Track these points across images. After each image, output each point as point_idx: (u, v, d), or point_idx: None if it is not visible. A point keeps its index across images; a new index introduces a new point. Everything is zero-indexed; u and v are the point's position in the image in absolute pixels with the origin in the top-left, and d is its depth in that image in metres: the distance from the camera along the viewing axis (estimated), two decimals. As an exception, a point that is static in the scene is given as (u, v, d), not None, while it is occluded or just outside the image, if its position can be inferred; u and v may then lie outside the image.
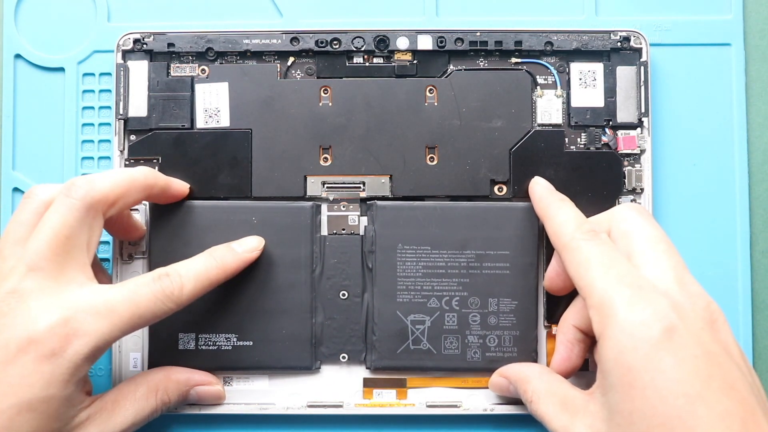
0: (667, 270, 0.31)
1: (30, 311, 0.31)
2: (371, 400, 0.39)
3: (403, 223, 0.38)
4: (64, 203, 0.33)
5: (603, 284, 0.31)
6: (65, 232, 0.32)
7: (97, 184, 0.34)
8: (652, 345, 0.28)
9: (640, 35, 0.39)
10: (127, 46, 0.39)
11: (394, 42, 0.39)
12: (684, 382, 0.28)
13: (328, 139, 0.39)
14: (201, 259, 0.36)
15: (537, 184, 0.38)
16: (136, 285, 0.33)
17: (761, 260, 0.40)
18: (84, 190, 0.33)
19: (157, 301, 0.33)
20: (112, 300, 0.32)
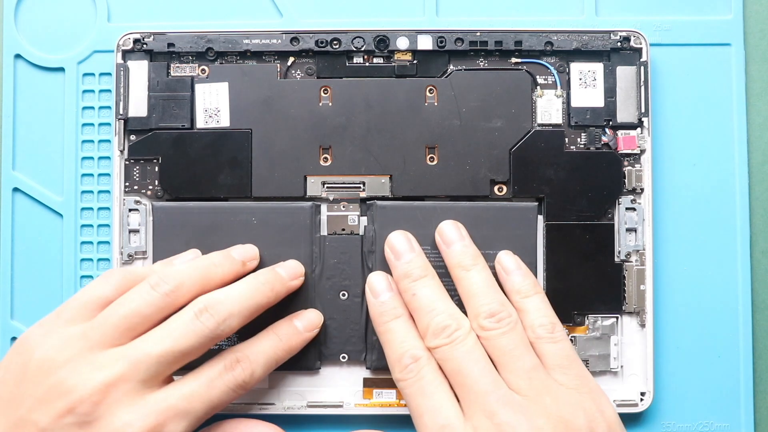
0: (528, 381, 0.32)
1: (119, 418, 0.31)
2: (371, 400, 0.39)
3: (403, 223, 0.38)
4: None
5: (419, 430, 0.32)
6: (181, 350, 0.32)
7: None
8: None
9: (640, 35, 0.39)
10: (127, 46, 0.39)
11: (394, 42, 0.39)
12: None
13: (328, 139, 0.39)
14: (268, 341, 0.35)
15: (368, 291, 0.36)
16: (210, 379, 0.33)
17: (761, 260, 0.40)
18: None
19: (230, 392, 0.33)
20: (189, 397, 0.32)
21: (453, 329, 0.33)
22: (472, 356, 0.33)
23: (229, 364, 0.33)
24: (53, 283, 0.40)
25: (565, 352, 0.34)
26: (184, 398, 0.32)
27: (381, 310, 0.35)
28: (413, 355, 0.33)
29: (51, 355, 0.31)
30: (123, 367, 0.31)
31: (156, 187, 0.39)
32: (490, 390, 0.32)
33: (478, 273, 0.35)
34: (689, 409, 0.40)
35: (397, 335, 0.34)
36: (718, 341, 0.40)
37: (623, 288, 0.39)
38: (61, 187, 0.41)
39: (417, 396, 0.33)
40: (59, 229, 0.40)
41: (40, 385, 0.31)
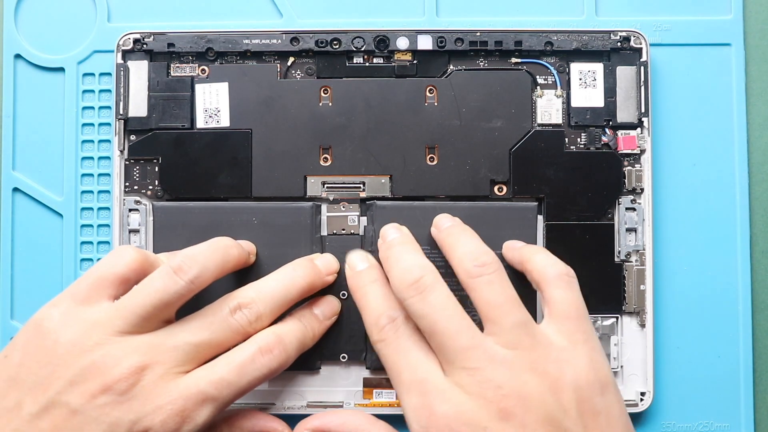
0: None
1: (151, 401, 0.31)
2: (371, 400, 0.39)
3: (403, 223, 0.38)
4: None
5: (397, 391, 0.32)
6: None
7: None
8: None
9: (640, 35, 0.39)
10: (127, 46, 0.39)
11: (394, 42, 0.39)
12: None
13: (328, 139, 0.39)
14: (297, 326, 0.35)
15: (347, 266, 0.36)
16: (242, 364, 0.32)
17: (761, 260, 0.40)
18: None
19: (261, 377, 0.33)
20: (219, 383, 0.32)
21: (419, 277, 0.32)
22: (446, 310, 0.31)
23: (266, 348, 0.33)
24: (53, 283, 0.40)
25: (575, 303, 0.32)
26: (213, 384, 0.31)
27: (357, 278, 0.35)
28: (389, 315, 0.32)
29: (79, 339, 0.31)
30: (160, 351, 0.31)
31: (156, 187, 0.39)
32: (470, 345, 0.30)
33: (468, 234, 0.35)
34: (689, 409, 0.40)
35: (373, 298, 0.33)
36: (718, 341, 0.40)
37: (623, 288, 0.39)
38: (61, 187, 0.41)
39: (394, 354, 0.32)
40: (59, 229, 0.40)
41: (71, 368, 0.30)
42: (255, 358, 0.33)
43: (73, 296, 0.32)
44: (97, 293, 0.32)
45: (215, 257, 0.34)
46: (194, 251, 0.33)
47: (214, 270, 0.33)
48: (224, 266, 0.34)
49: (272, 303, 0.34)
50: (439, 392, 0.30)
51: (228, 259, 0.34)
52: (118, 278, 0.32)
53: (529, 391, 0.29)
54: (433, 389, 0.30)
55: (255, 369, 0.32)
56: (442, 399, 0.30)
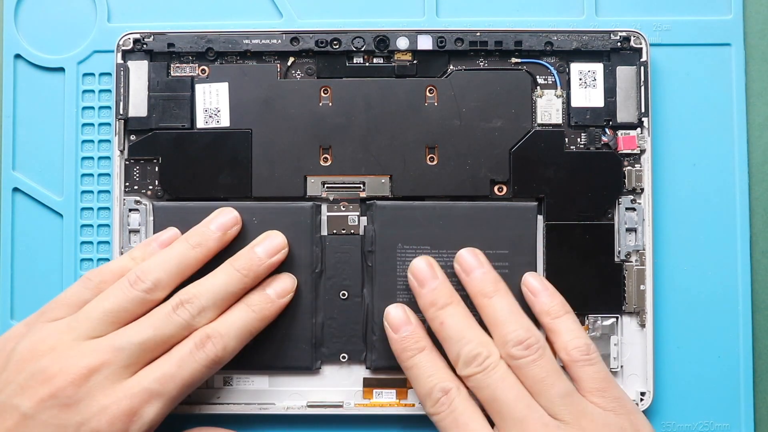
0: None
1: (97, 402, 0.32)
2: (371, 400, 0.39)
3: (403, 223, 0.38)
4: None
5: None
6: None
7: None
8: None
9: (640, 35, 0.39)
10: (127, 46, 0.39)
11: (394, 42, 0.39)
12: None
13: (328, 139, 0.39)
14: (239, 313, 0.35)
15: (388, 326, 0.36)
16: (181, 358, 0.33)
17: (761, 260, 0.40)
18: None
19: (203, 369, 0.34)
20: (162, 379, 0.33)
21: (484, 357, 0.33)
22: (505, 383, 0.33)
23: (199, 341, 0.34)
24: (53, 283, 0.40)
25: (601, 375, 0.34)
26: (157, 380, 0.32)
27: (403, 345, 0.35)
28: (443, 388, 0.34)
29: (34, 345, 0.33)
30: (106, 353, 0.32)
31: (156, 187, 0.39)
32: (527, 415, 0.32)
33: (501, 299, 0.35)
34: (689, 409, 0.40)
35: (423, 369, 0.35)
36: (718, 341, 0.40)
37: (623, 288, 0.39)
38: (61, 187, 0.41)
39: (452, 428, 0.33)
40: (59, 229, 0.40)
41: (22, 372, 0.32)
42: (192, 351, 0.33)
43: (41, 314, 0.34)
44: (64, 313, 0.34)
45: (170, 266, 0.35)
46: (152, 263, 0.35)
47: (170, 278, 0.35)
48: (183, 271, 0.35)
49: (214, 296, 0.35)
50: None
51: (186, 264, 0.35)
52: (85, 302, 0.34)
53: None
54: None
55: (194, 361, 0.33)
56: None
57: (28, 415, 0.31)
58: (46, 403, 0.31)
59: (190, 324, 0.34)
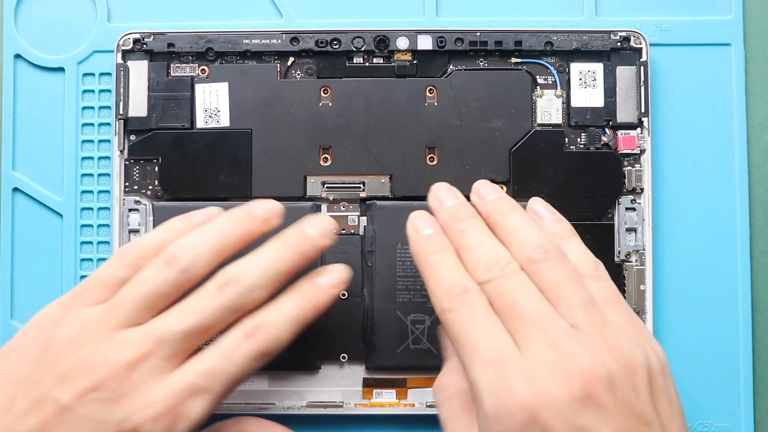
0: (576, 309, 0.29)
1: (142, 398, 0.30)
2: (371, 400, 0.39)
3: (403, 223, 0.38)
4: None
5: (468, 365, 0.29)
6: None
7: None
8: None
9: (640, 35, 0.39)
10: (127, 46, 0.39)
11: (394, 42, 0.39)
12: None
13: (328, 139, 0.39)
14: (290, 301, 0.32)
15: (411, 226, 0.34)
16: (228, 351, 0.31)
17: (761, 260, 0.40)
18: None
19: (252, 362, 0.31)
20: (208, 374, 0.30)
21: (505, 263, 0.31)
22: (527, 288, 0.30)
23: (249, 331, 0.31)
24: (53, 283, 0.40)
25: (611, 290, 0.31)
26: (203, 376, 0.30)
27: (425, 242, 0.32)
28: (463, 286, 0.31)
29: (73, 335, 0.31)
30: (148, 344, 0.30)
31: (156, 187, 0.39)
32: (550, 320, 0.29)
33: (518, 214, 0.33)
34: (689, 409, 0.40)
35: (444, 266, 0.31)
36: (718, 341, 0.40)
37: (623, 288, 0.39)
38: (61, 187, 0.41)
39: (469, 326, 0.30)
40: (59, 229, 0.40)
41: (62, 364, 0.30)
42: (240, 343, 0.31)
43: (77, 297, 0.32)
44: (101, 295, 0.32)
45: (210, 243, 0.32)
46: (190, 240, 0.32)
47: (209, 256, 0.32)
48: (223, 249, 0.32)
49: (263, 274, 0.32)
50: (517, 368, 0.28)
51: (227, 242, 0.32)
52: (121, 281, 0.32)
53: (608, 369, 0.28)
54: (510, 365, 0.28)
55: (243, 354, 0.31)
56: (521, 376, 0.28)
57: (67, 409, 0.29)
58: (86, 397, 0.29)
59: (237, 306, 0.31)
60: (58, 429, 0.29)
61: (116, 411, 0.29)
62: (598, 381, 0.28)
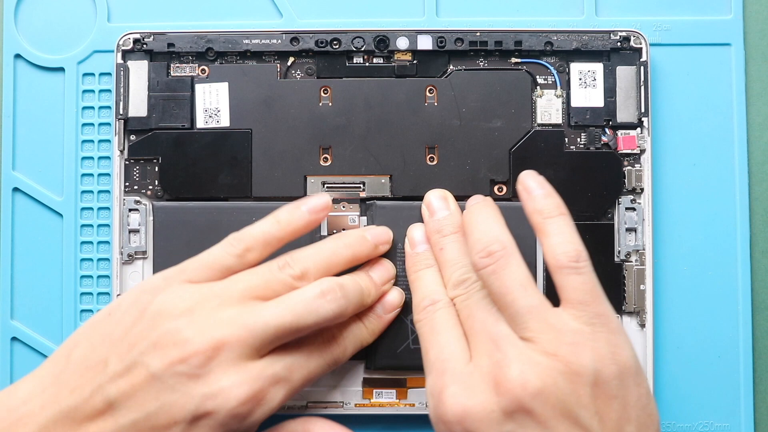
0: None
1: (226, 379, 0.31)
2: (371, 400, 0.39)
3: (403, 223, 0.38)
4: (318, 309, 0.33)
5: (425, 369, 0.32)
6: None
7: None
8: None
9: (640, 35, 0.39)
10: (127, 46, 0.39)
11: (394, 42, 0.39)
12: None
13: (328, 139, 0.39)
14: (356, 327, 0.36)
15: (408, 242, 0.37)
16: (309, 351, 0.33)
17: (761, 260, 0.40)
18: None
19: (325, 366, 0.34)
20: (290, 367, 0.32)
21: (471, 282, 0.33)
22: (482, 303, 0.32)
23: (327, 339, 0.34)
24: (53, 283, 0.40)
25: (587, 286, 0.31)
26: (286, 368, 0.32)
27: (415, 260, 0.36)
28: (432, 299, 0.34)
29: (171, 303, 0.32)
30: (239, 329, 0.31)
31: (156, 187, 0.39)
32: (490, 328, 0.31)
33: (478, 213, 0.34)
34: (689, 409, 0.40)
35: (424, 282, 0.35)
36: (718, 341, 0.40)
37: (623, 288, 0.39)
38: (61, 187, 0.41)
39: (427, 334, 0.33)
40: (59, 229, 0.40)
41: (156, 329, 0.31)
42: (320, 348, 0.34)
43: (182, 271, 0.33)
44: (206, 276, 0.33)
45: (321, 260, 0.34)
46: (303, 253, 0.35)
47: (317, 271, 0.34)
48: (331, 267, 0.35)
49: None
50: (455, 375, 0.30)
51: (336, 262, 0.35)
52: (228, 270, 0.33)
53: (540, 377, 0.29)
54: (451, 371, 0.31)
55: (320, 357, 0.34)
56: (455, 384, 0.30)
57: (157, 376, 0.30)
58: (175, 367, 0.30)
59: (335, 315, 0.33)
60: (144, 396, 0.30)
61: (201, 387, 0.30)
62: (527, 391, 0.29)
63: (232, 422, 0.30)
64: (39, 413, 0.30)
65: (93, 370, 0.31)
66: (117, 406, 0.30)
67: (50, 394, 0.31)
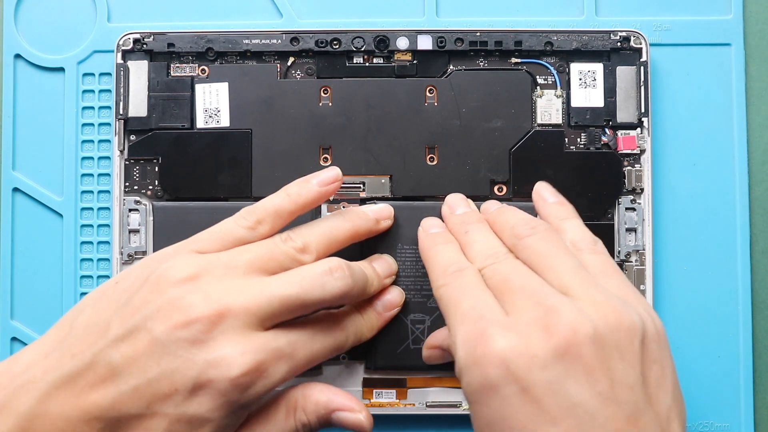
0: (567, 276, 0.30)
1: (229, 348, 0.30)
2: (371, 400, 0.39)
3: (403, 223, 0.38)
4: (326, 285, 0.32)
5: (450, 323, 0.30)
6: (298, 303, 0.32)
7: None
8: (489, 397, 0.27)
9: (640, 35, 0.39)
10: (127, 46, 0.39)
11: (394, 42, 0.39)
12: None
13: (328, 139, 0.39)
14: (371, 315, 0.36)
15: (422, 228, 0.36)
16: (313, 332, 0.33)
17: (761, 260, 0.40)
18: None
19: (327, 351, 0.33)
20: (295, 343, 0.32)
21: (503, 252, 0.32)
22: (519, 266, 0.31)
23: (333, 324, 0.34)
24: (53, 283, 0.40)
25: (608, 262, 0.31)
26: (290, 344, 0.31)
27: (432, 238, 0.35)
28: (459, 266, 0.32)
29: (176, 270, 0.31)
30: (245, 298, 0.31)
31: (156, 187, 0.39)
32: (538, 286, 0.29)
33: (512, 209, 0.35)
34: (689, 409, 0.39)
35: (445, 253, 0.33)
36: (718, 341, 0.40)
37: (623, 288, 0.39)
38: (61, 187, 0.41)
39: (458, 293, 0.31)
40: (59, 229, 0.40)
41: (161, 294, 0.30)
42: (324, 330, 0.33)
43: (190, 242, 0.33)
44: (214, 247, 0.33)
45: (322, 235, 0.34)
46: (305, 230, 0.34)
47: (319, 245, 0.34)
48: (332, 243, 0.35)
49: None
50: (497, 323, 0.29)
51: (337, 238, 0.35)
52: (237, 241, 0.33)
53: (594, 326, 0.28)
54: (490, 318, 0.29)
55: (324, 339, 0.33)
56: (500, 328, 0.28)
57: (159, 341, 0.30)
58: (178, 332, 0.30)
59: (342, 292, 0.32)
60: (147, 361, 0.30)
61: (203, 353, 0.30)
62: (579, 335, 0.27)
63: (234, 392, 0.30)
64: (41, 379, 0.30)
65: (95, 335, 0.30)
66: (119, 371, 0.30)
67: (53, 359, 0.30)
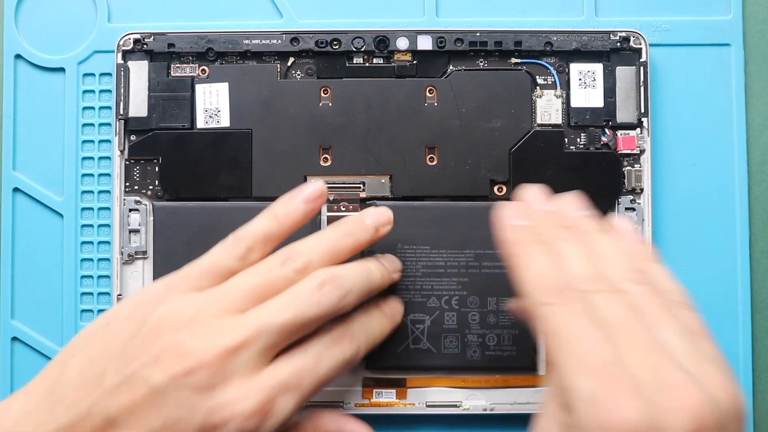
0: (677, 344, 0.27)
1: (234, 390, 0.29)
2: (371, 400, 0.39)
3: (403, 223, 0.38)
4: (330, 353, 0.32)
5: (564, 365, 0.26)
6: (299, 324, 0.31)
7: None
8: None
9: (640, 35, 0.39)
10: (128, 46, 0.39)
11: (394, 42, 0.39)
12: None
13: (328, 139, 0.39)
14: (378, 320, 0.35)
15: (503, 216, 0.32)
16: (318, 353, 0.31)
17: (761, 260, 0.40)
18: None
19: (337, 367, 0.32)
20: (299, 372, 0.31)
21: (611, 281, 0.29)
22: (631, 307, 0.28)
23: (337, 337, 0.32)
24: (53, 283, 0.40)
25: (699, 321, 0.29)
26: (294, 374, 0.30)
27: (520, 232, 0.31)
28: (567, 283, 0.28)
29: (173, 314, 0.30)
30: (244, 334, 0.30)
31: (156, 187, 0.39)
32: (654, 342, 0.26)
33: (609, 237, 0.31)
34: (689, 409, 0.40)
35: (542, 260, 0.29)
36: (718, 341, 0.40)
37: (623, 288, 0.39)
38: (61, 187, 0.41)
39: (570, 324, 0.27)
40: (59, 229, 0.40)
41: (158, 342, 0.29)
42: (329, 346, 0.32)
43: (182, 279, 0.32)
44: (207, 282, 0.32)
45: (323, 250, 0.33)
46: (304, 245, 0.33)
47: (320, 262, 0.32)
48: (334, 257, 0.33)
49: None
50: (625, 383, 0.25)
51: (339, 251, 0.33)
52: (229, 272, 0.32)
53: (720, 408, 0.25)
54: (618, 377, 0.25)
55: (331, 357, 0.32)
56: (631, 392, 0.25)
57: (158, 391, 0.28)
58: (178, 381, 0.28)
59: (336, 307, 0.31)
60: (146, 411, 0.28)
61: (206, 401, 0.29)
62: (705, 421, 0.25)
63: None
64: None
65: (89, 384, 0.29)
66: (118, 423, 0.28)
67: (44, 411, 0.29)
